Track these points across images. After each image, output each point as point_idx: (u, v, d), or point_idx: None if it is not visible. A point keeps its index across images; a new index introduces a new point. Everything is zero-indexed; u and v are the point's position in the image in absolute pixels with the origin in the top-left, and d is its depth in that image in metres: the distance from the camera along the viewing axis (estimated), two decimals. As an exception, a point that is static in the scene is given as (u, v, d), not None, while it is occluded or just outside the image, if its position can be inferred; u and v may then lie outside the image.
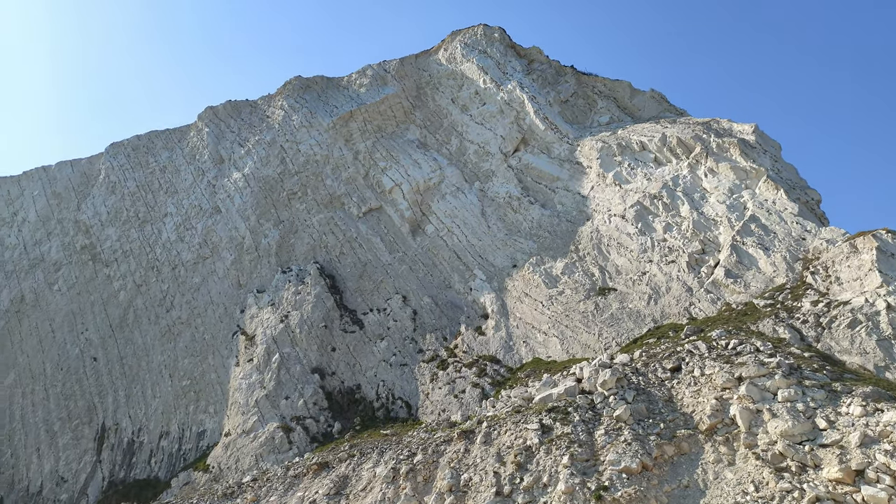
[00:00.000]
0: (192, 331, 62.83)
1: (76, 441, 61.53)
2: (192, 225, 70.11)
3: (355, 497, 30.27)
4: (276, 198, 67.43)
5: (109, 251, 72.20)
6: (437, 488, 27.25)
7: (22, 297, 72.92)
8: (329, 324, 55.60)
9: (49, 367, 67.30)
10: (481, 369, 45.65)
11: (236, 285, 63.80)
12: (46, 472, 60.59)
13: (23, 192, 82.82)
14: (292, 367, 52.53)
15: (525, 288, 50.36)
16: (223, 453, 48.43)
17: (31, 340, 69.94)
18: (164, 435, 57.63)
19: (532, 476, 24.95)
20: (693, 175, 49.26)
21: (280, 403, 49.96)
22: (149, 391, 61.48)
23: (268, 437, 47.21)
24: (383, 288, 57.85)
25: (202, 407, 57.40)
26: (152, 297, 67.47)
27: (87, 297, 70.20)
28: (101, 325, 67.68)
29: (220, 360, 58.93)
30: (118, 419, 61.12)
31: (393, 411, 48.10)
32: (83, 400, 63.73)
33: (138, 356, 64.20)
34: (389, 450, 33.24)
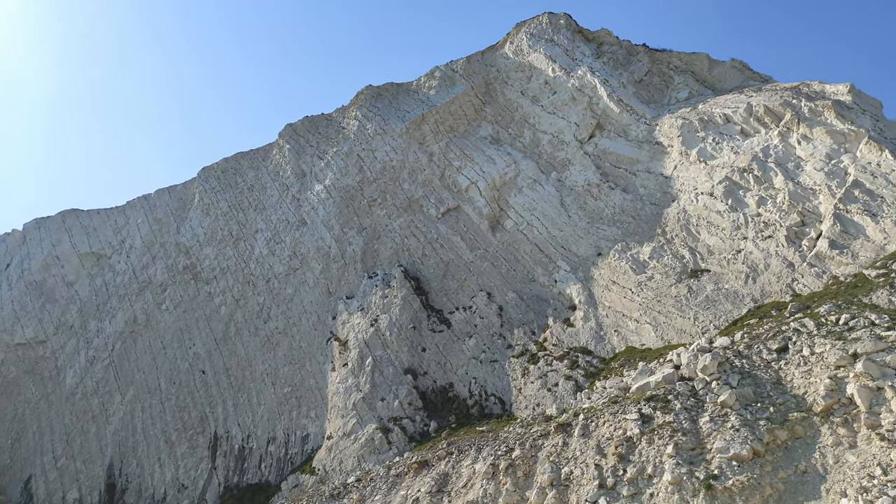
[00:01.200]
0: (290, 340, 65.47)
1: (192, 450, 65.48)
2: (281, 239, 73.09)
3: (457, 494, 30.54)
4: (357, 206, 69.17)
5: (209, 269, 76.40)
6: (537, 483, 27.05)
7: (135, 319, 78.36)
8: (417, 325, 56.46)
9: (163, 381, 71.98)
10: (573, 361, 44.99)
11: (326, 293, 65.94)
12: (168, 480, 64.82)
13: (128, 220, 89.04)
14: (385, 370, 53.71)
15: (612, 276, 49.18)
16: (327, 456, 50.17)
17: (145, 358, 75.06)
18: (271, 440, 60.38)
19: (635, 467, 24.32)
20: (785, 144, 46.50)
21: (377, 405, 51.20)
22: (254, 399, 64.58)
23: (367, 438, 48.48)
24: (467, 286, 58.13)
25: (304, 412, 59.69)
26: (250, 310, 70.83)
27: (192, 314, 74.58)
28: (206, 340, 71.72)
29: (317, 366, 61.08)
30: (228, 427, 64.57)
31: (487, 408, 48.24)
32: (196, 411, 67.74)
33: (242, 367, 67.57)
34: (487, 446, 33.32)
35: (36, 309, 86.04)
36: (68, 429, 75.47)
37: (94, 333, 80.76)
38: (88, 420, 74.61)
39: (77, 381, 78.01)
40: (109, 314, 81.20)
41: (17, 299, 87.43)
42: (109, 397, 74.68)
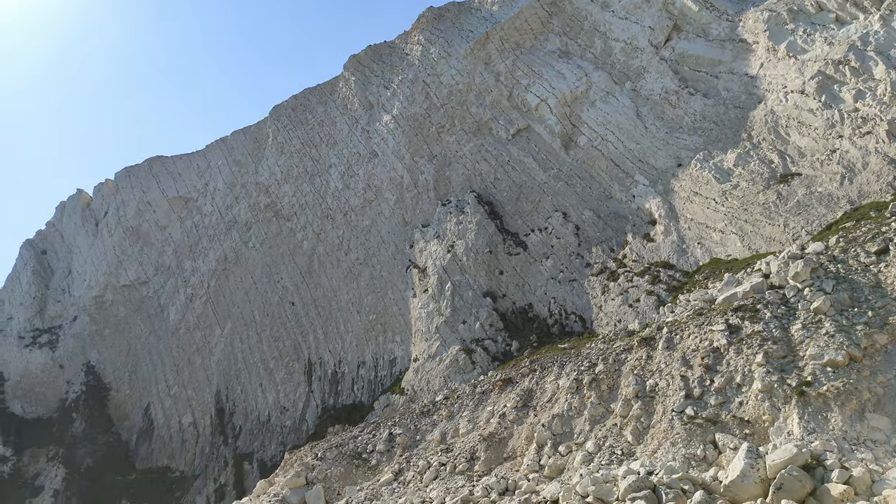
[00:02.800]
0: (370, 269, 67.49)
1: (290, 376, 69.89)
2: (354, 172, 74.18)
3: (542, 408, 31.34)
4: (426, 134, 68.83)
5: (288, 206, 78.97)
6: (622, 395, 27.31)
7: (225, 257, 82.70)
8: (493, 249, 56.73)
9: (257, 314, 76.36)
10: (654, 276, 44.21)
11: (402, 223, 67.00)
12: (270, 403, 69.81)
13: (209, 164, 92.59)
14: (465, 294, 54.69)
15: (694, 187, 47.24)
16: (414, 377, 52.38)
17: (238, 293, 79.57)
18: (361, 364, 63.52)
19: (723, 377, 24.06)
20: (888, 29, 42.14)
21: (458, 328, 52.53)
22: (342, 327, 67.65)
23: (452, 359, 50.10)
24: (542, 207, 57.49)
25: (390, 337, 62.13)
26: (331, 243, 73.17)
27: (277, 250, 77.89)
28: (292, 274, 75.03)
29: (399, 293, 62.93)
30: (321, 354, 68.26)
31: (567, 326, 48.55)
32: (289, 340, 71.80)
33: (328, 297, 70.55)
34: (570, 362, 33.74)
35: (135, 252, 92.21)
36: (177, 360, 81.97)
37: (190, 272, 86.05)
38: (193, 352, 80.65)
39: (179, 317, 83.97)
40: (202, 254, 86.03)
41: (118, 244, 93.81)
42: (210, 331, 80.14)
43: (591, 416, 27.81)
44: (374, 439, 38.44)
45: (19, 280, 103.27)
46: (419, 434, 36.97)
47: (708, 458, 21.19)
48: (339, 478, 34.88)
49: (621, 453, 24.08)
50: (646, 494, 18.34)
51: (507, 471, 28.13)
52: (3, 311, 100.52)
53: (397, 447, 36.30)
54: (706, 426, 22.55)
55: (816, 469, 17.61)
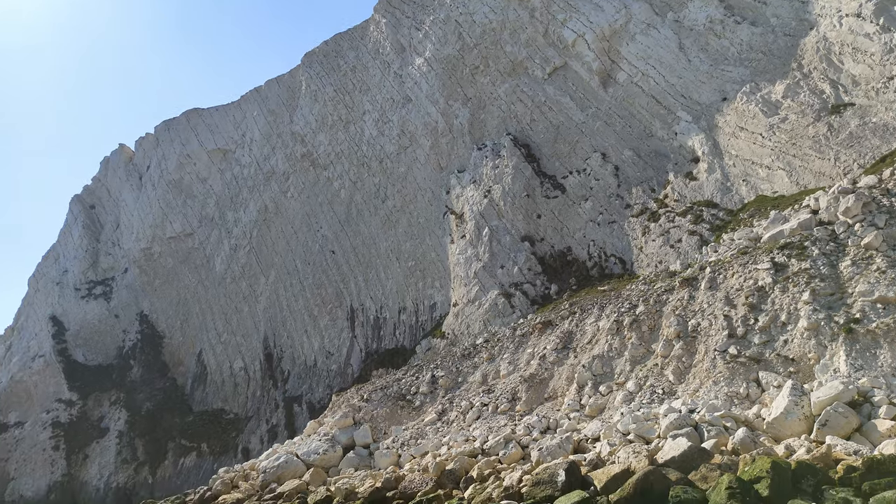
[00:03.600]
0: (408, 217, 67.78)
1: (333, 322, 71.68)
2: (388, 118, 73.64)
3: (582, 350, 31.57)
4: (459, 76, 67.53)
5: (324, 155, 79.24)
6: (663, 336, 27.28)
7: (265, 207, 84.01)
8: (530, 192, 56.19)
9: (299, 263, 77.92)
10: (697, 216, 43.31)
11: (438, 168, 66.68)
12: (316, 349, 71.97)
13: (245, 115, 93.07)
14: (502, 238, 54.63)
15: (739, 121, 45.54)
16: (454, 321, 53.14)
17: (280, 242, 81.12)
18: (401, 310, 64.65)
19: (767, 316, 23.75)
20: (955, -59, 39.03)
21: (497, 273, 52.74)
22: (382, 274, 68.64)
23: (491, 303, 50.53)
24: (580, 148, 56.37)
25: (429, 283, 62.85)
26: (367, 191, 73.48)
27: (315, 199, 78.70)
28: (331, 222, 75.94)
29: (437, 239, 63.24)
30: (362, 300, 69.63)
31: (607, 268, 48.25)
32: (331, 287, 73.30)
33: (367, 245, 71.40)
34: (609, 304, 33.71)
35: (179, 205, 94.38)
36: (224, 309, 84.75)
37: (233, 223, 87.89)
38: (240, 300, 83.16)
39: (225, 267, 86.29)
40: (243, 204, 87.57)
41: (162, 197, 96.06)
42: (255, 280, 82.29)
43: (631, 356, 27.93)
44: (417, 381, 39.46)
45: (71, 234, 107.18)
46: (461, 376, 37.79)
47: (751, 396, 21.18)
48: (385, 418, 36.08)
49: (662, 392, 24.24)
50: (687, 432, 18.53)
51: (548, 410, 28.68)
52: (59, 265, 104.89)
53: (440, 389, 37.23)
54: (749, 365, 22.44)
55: (863, 406, 17.48)
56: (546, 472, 17.82)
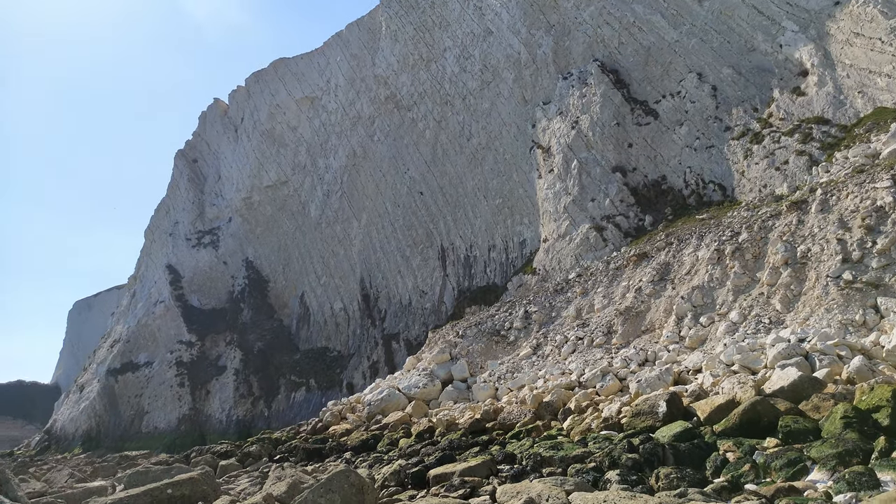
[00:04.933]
0: (493, 153, 67.05)
1: (425, 261, 73.16)
2: (469, 53, 72.11)
3: (680, 281, 30.67)
4: (541, 3, 64.68)
5: (407, 96, 79.11)
6: (769, 263, 25.97)
7: (353, 152, 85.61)
8: (620, 120, 53.90)
9: (388, 205, 79.45)
10: (805, 134, 40.14)
11: (522, 102, 65.07)
12: (410, 288, 73.99)
13: (328, 61, 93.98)
14: (592, 171, 53.10)
15: (854, 27, 41.17)
16: (545, 257, 52.84)
17: (369, 186, 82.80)
18: (491, 248, 64.92)
19: (887, 238, 22.01)
20: None
21: (587, 206, 51.58)
22: (470, 213, 68.86)
23: (582, 238, 49.71)
24: (673, 70, 53.12)
25: (518, 220, 62.49)
26: (452, 130, 73.06)
27: (401, 141, 79.23)
28: (418, 164, 76.45)
29: (524, 175, 62.37)
30: (452, 240, 70.44)
31: (705, 196, 46.03)
32: (421, 228, 74.49)
33: (454, 184, 71.56)
34: (709, 233, 32.33)
35: (273, 154, 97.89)
36: (322, 253, 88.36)
37: (324, 170, 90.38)
38: (336, 244, 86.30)
39: (319, 212, 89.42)
40: (332, 151, 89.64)
41: (256, 148, 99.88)
42: (348, 224, 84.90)
43: (734, 286, 26.86)
44: (510, 317, 39.91)
45: (178, 188, 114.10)
46: (554, 311, 37.83)
47: (868, 323, 19.96)
48: (480, 353, 36.93)
49: (769, 322, 23.27)
50: (797, 361, 17.79)
51: (645, 343, 28.31)
52: (170, 217, 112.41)
53: (533, 324, 37.51)
54: (866, 290, 21.05)
55: None
56: (646, 403, 17.76)
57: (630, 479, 12.64)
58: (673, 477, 12.23)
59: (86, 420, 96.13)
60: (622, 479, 12.60)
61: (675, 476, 12.25)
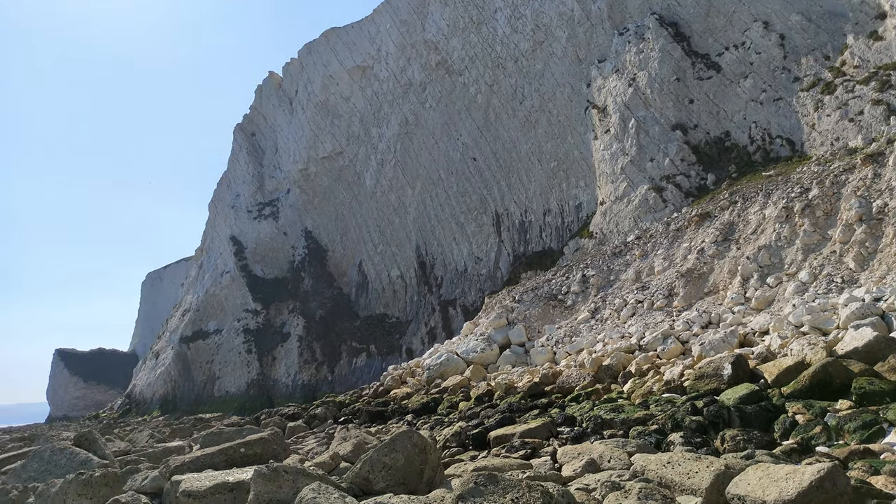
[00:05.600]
0: (547, 116, 65.77)
1: (479, 228, 73.08)
2: (521, 13, 70.39)
3: (745, 241, 29.64)
4: (595, -45, 62.25)
5: (458, 61, 78.14)
6: (842, 220, 24.75)
7: (406, 121, 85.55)
8: (680, 76, 51.82)
9: (442, 172, 79.38)
10: (883, 82, 37.61)
11: (576, 61, 63.31)
12: (465, 255, 74.20)
13: (378, 28, 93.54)
14: (650, 129, 51.47)
15: (941, -38, 37.99)
16: (602, 220, 51.90)
17: (423, 154, 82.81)
18: (546, 212, 64.19)
19: (975, 190, 20.58)
20: None
21: (645, 166, 50.17)
22: (524, 177, 68.09)
23: (641, 199, 48.50)
24: (737, 19, 50.50)
25: (573, 183, 61.42)
26: (504, 93, 71.92)
27: (453, 107, 78.61)
28: (470, 129, 75.82)
29: (579, 136, 61.03)
30: (506, 205, 69.97)
31: (772, 152, 44.00)
32: (475, 194, 74.24)
33: (507, 149, 70.75)
34: (777, 190, 30.99)
35: (327, 125, 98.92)
36: (378, 221, 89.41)
37: (377, 139, 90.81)
38: (391, 213, 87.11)
39: (374, 182, 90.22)
40: (384, 120, 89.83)
41: (311, 119, 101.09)
42: (402, 192, 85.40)
43: (803, 244, 25.77)
44: (567, 281, 39.58)
45: (238, 162, 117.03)
46: (612, 274, 37.28)
47: (952, 281, 18.84)
48: (537, 317, 36.87)
49: (841, 281, 22.28)
50: (872, 321, 17.02)
51: (708, 305, 27.62)
52: (232, 190, 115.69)
53: (591, 288, 37.09)
54: (951, 247, 19.83)
55: None
56: (710, 365, 17.39)
57: (694, 441, 12.49)
58: (739, 439, 12.01)
59: (162, 385, 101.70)
60: (686, 441, 12.46)
61: (742, 438, 12.03)
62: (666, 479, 8.33)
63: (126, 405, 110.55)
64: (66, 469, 14.99)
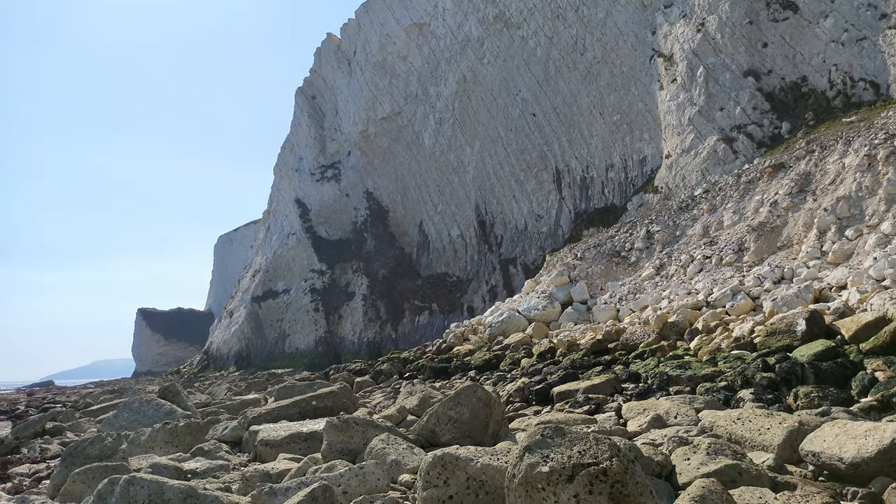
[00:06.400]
0: (609, 67, 63.52)
1: (539, 185, 72.12)
2: (581, -41, 67.57)
3: (822, 192, 28.14)
4: None
5: (517, 13, 76.08)
6: (932, 168, 23.11)
7: (464, 78, 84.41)
8: (753, 18, 48.83)
9: (501, 130, 78.33)
10: (985, 15, 34.39)
11: (641, 7, 60.53)
12: (525, 213, 73.58)
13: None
14: (720, 77, 49.00)
15: None
16: (667, 174, 50.24)
17: (481, 111, 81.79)
18: (609, 167, 62.61)
19: None
20: None
21: (714, 116, 48.01)
22: (585, 132, 66.41)
23: (709, 151, 46.59)
24: (818, -47, 46.88)
25: (637, 136, 59.50)
26: (564, 45, 69.74)
27: (512, 62, 76.93)
28: (529, 84, 74.17)
29: (643, 87, 58.80)
30: (567, 161, 68.61)
31: (854, 97, 41.22)
32: (535, 151, 73.07)
33: (568, 103, 68.97)
34: (858, 137, 29.14)
35: (385, 85, 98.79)
36: (437, 181, 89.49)
37: (435, 98, 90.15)
38: (450, 172, 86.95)
39: (432, 141, 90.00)
40: (442, 78, 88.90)
41: (370, 80, 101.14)
42: (461, 151, 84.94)
43: (887, 194, 24.27)
44: (631, 238, 38.77)
45: (300, 125, 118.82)
46: (678, 230, 36.25)
47: None
48: (600, 275, 36.40)
49: (929, 233, 20.93)
50: (964, 275, 15.98)
51: (781, 260, 26.54)
52: (295, 153, 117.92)
53: (656, 244, 36.23)
54: None
55: None
56: (783, 321, 16.81)
57: (765, 398, 12.20)
58: (814, 396, 11.64)
59: (236, 342, 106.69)
60: (756, 398, 12.18)
61: (817, 395, 11.65)
62: (736, 435, 8.21)
63: (204, 361, 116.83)
64: (154, 419, 16.08)
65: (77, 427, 19.63)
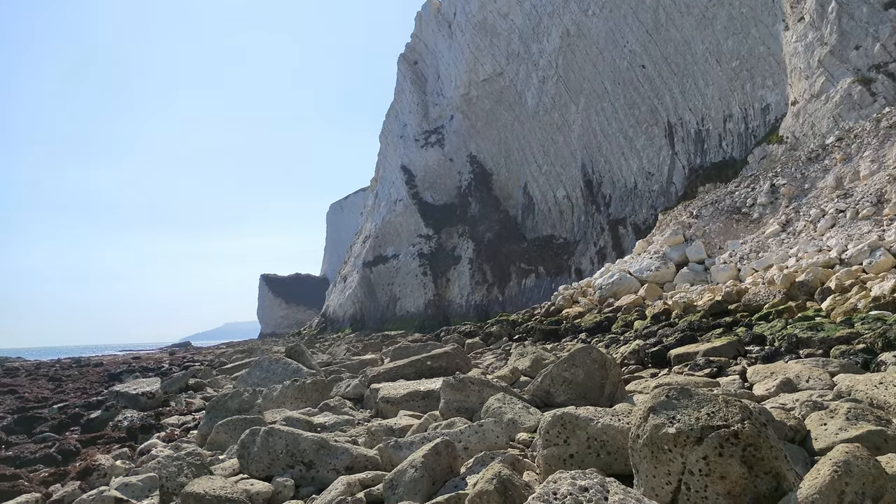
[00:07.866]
0: (727, 9, 59.00)
1: (650, 141, 68.96)
2: None
3: (982, 134, 24.92)
4: None
5: (622, -41, 72.09)
6: None
7: (567, 32, 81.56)
8: (899, -60, 43.33)
9: (607, 84, 75.30)
10: None
11: (763, -60, 55.44)
12: (635, 171, 70.81)
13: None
14: (856, 11, 44.13)
15: None
16: (794, 122, 46.37)
17: (586, 66, 78.91)
18: (727, 118, 58.70)
19: None
20: None
21: (849, 56, 43.47)
22: (700, 81, 62.44)
23: (842, 95, 42.40)
24: None
25: (758, 83, 55.22)
26: (676, -11, 65.43)
27: (618, 12, 73.28)
28: (638, 34, 70.48)
29: (765, 29, 54.24)
30: (680, 114, 64.99)
31: None
32: (644, 105, 69.74)
33: (680, 52, 64.98)
34: None
35: (486, 46, 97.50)
36: (541, 141, 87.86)
37: (538, 55, 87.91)
38: (554, 131, 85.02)
39: (535, 101, 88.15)
40: (544, 34, 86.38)
41: (471, 41, 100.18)
42: (565, 109, 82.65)
43: None
44: (753, 192, 36.41)
45: (403, 91, 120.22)
46: (807, 182, 33.57)
47: None
48: (718, 233, 34.59)
49: None
50: None
51: (930, 212, 23.95)
52: (399, 120, 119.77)
53: (782, 198, 33.80)
54: None
55: None
56: (931, 279, 15.25)
57: (911, 362, 11.20)
58: (969, 360, 10.56)
59: (351, 305, 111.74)
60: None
61: (973, 360, 10.55)
62: (878, 400, 7.65)
63: (322, 323, 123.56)
64: (282, 376, 17.31)
65: (215, 383, 21.51)
